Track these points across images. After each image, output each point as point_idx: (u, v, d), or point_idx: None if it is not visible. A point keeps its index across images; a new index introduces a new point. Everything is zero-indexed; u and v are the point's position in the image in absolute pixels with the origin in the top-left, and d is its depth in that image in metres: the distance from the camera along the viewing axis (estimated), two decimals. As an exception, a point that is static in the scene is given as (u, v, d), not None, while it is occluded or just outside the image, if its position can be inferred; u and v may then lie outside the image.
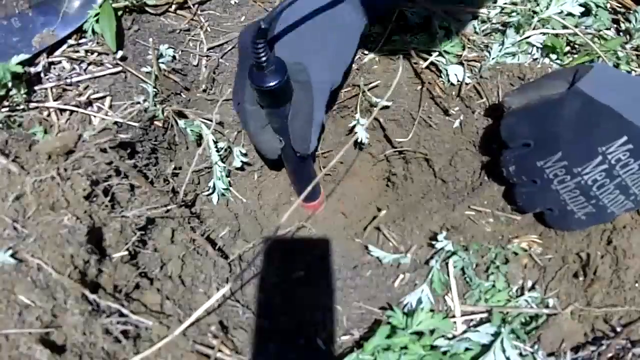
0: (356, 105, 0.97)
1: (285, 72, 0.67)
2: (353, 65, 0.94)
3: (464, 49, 0.88)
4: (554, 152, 0.66)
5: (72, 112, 0.76)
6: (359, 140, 0.99)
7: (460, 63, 0.87)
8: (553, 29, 0.88)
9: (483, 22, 0.90)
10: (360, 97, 0.94)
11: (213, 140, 0.83)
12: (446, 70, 0.87)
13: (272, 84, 0.66)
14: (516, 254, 0.73)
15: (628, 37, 0.90)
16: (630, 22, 0.89)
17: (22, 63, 0.72)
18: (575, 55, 0.87)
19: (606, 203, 0.66)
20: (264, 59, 0.63)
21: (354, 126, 0.96)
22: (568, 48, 0.88)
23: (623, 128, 0.61)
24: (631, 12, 0.91)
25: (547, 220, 0.73)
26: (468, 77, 0.87)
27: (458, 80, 0.87)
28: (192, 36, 0.88)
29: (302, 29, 0.70)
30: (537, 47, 0.87)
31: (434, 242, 0.74)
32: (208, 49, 0.88)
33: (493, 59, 0.86)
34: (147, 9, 0.84)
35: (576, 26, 0.89)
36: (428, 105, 0.94)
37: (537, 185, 0.70)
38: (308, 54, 0.70)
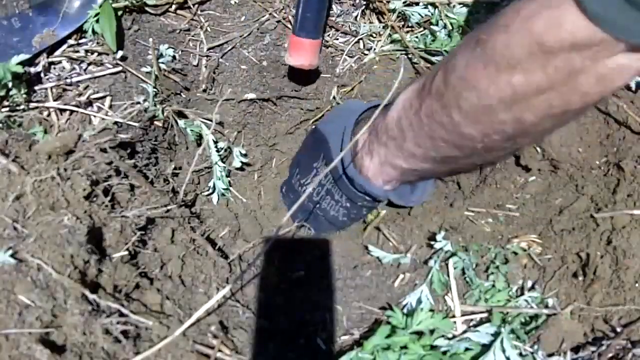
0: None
1: None
2: (354, 64, 0.94)
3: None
4: (295, 170, 0.87)
5: (72, 112, 0.76)
6: None
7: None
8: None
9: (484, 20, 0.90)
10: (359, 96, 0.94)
11: (213, 140, 0.83)
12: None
13: None
14: (516, 253, 0.73)
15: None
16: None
17: (22, 63, 0.71)
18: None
19: (326, 207, 0.81)
20: None
21: None
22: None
23: (322, 148, 0.78)
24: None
25: (310, 225, 0.87)
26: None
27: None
28: (192, 36, 0.88)
29: None
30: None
31: (432, 243, 0.74)
32: (208, 49, 0.88)
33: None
34: (147, 9, 0.84)
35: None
36: (428, 105, 0.94)
37: (294, 197, 0.88)
38: None
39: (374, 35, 0.94)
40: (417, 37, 0.91)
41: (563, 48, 0.43)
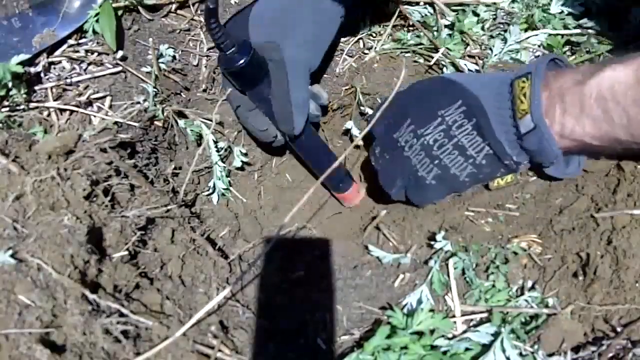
0: (355, 104, 0.98)
1: (250, 51, 0.68)
2: (354, 64, 0.94)
3: (466, 47, 0.88)
4: (405, 120, 0.73)
5: (72, 112, 0.76)
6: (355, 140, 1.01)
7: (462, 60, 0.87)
8: (554, 28, 0.88)
9: (485, 20, 0.90)
10: (358, 97, 0.94)
11: (213, 140, 0.83)
12: (448, 68, 0.87)
13: (237, 64, 0.67)
14: (516, 253, 0.73)
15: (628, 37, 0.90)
16: (630, 22, 0.89)
17: (22, 63, 0.72)
18: (575, 55, 0.87)
19: (447, 163, 0.70)
20: (219, 37, 0.65)
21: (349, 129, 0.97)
22: (570, 47, 0.88)
23: (459, 94, 0.69)
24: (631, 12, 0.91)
25: (409, 195, 0.76)
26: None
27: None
28: (192, 36, 0.88)
29: (277, 9, 0.73)
30: (538, 46, 0.88)
31: (432, 243, 0.74)
32: (208, 49, 0.88)
33: (495, 55, 0.86)
34: (147, 8, 0.84)
35: (577, 26, 0.89)
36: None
37: (393, 157, 0.76)
38: (282, 33, 0.72)
39: (374, 34, 0.94)
40: (417, 36, 0.91)
41: None
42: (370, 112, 0.95)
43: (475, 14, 0.90)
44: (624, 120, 0.58)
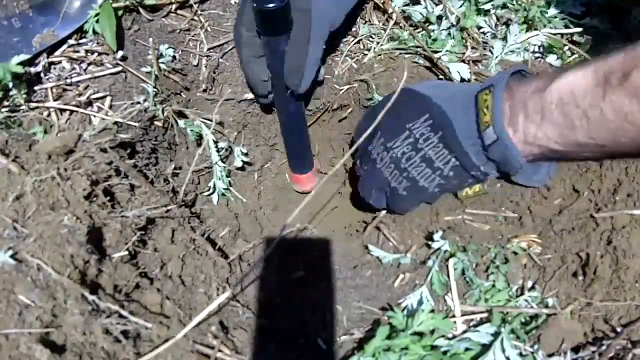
0: (355, 102, 0.97)
1: None
2: (354, 64, 0.94)
3: (466, 47, 0.88)
4: (377, 132, 0.75)
5: (72, 112, 0.76)
6: None
7: (463, 61, 0.87)
8: (555, 28, 0.88)
9: (485, 14, 0.90)
10: (358, 96, 0.94)
11: (213, 140, 0.83)
12: (448, 69, 0.87)
13: (271, 5, 0.66)
14: (515, 253, 0.73)
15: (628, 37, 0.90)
16: (630, 22, 0.89)
17: (22, 63, 0.71)
18: (575, 55, 0.87)
19: (415, 175, 0.71)
20: None
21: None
22: (570, 47, 0.88)
23: (426, 107, 0.71)
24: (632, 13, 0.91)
25: (388, 204, 0.77)
26: (469, 72, 0.87)
27: (461, 78, 0.87)
28: (192, 36, 0.88)
29: None
30: (539, 47, 0.88)
31: (430, 243, 0.74)
32: (208, 49, 0.88)
33: (497, 57, 0.86)
34: (147, 8, 0.84)
35: (577, 26, 0.89)
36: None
37: (368, 169, 0.77)
38: None
39: (374, 35, 0.94)
40: (418, 36, 0.91)
41: None
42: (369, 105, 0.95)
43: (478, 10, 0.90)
44: (584, 123, 0.59)
